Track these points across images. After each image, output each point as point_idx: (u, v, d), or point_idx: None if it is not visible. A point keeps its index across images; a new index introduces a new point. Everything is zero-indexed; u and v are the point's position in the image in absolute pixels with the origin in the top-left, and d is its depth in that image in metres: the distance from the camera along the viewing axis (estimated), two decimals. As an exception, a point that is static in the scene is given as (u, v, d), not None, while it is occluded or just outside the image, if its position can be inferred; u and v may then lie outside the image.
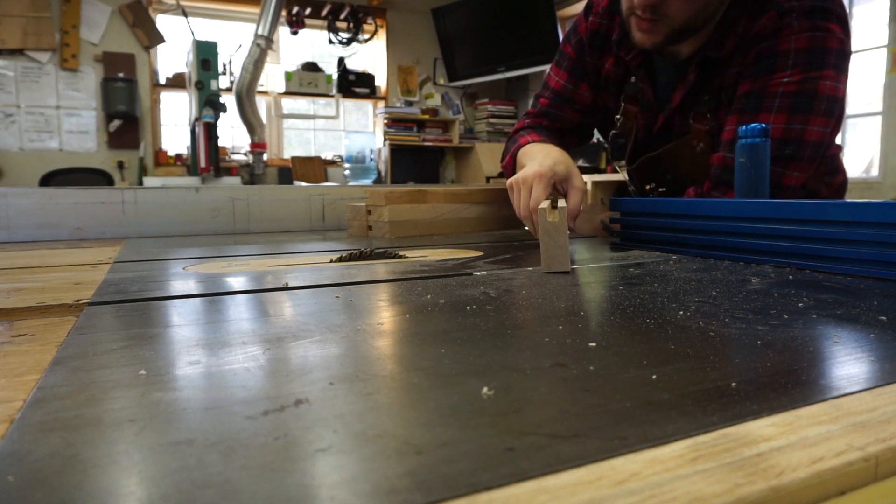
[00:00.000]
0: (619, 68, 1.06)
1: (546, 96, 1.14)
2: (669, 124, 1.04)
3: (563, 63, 1.12)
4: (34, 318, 0.45)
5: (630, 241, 0.87)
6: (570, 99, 1.12)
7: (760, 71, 0.89)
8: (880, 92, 3.26)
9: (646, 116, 1.07)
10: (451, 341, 0.35)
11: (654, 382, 0.28)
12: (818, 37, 0.86)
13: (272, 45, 3.99)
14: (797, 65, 0.86)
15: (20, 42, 3.93)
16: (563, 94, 1.12)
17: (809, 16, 0.86)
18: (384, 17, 5.00)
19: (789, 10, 0.87)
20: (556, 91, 1.13)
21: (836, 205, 0.60)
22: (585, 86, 1.11)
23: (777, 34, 0.88)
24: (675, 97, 1.01)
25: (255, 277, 0.60)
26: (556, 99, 1.13)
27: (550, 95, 1.13)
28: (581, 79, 1.10)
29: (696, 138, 1.00)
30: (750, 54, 0.91)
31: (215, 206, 1.20)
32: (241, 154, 4.59)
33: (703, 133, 0.99)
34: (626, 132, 1.10)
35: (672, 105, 1.01)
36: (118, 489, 0.19)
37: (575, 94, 1.11)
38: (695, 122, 1.00)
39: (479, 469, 0.20)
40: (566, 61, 1.12)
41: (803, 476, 0.19)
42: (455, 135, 4.97)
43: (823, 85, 0.86)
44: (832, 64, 0.86)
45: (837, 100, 0.88)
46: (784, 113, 0.87)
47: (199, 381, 0.29)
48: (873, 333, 0.37)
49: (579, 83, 1.11)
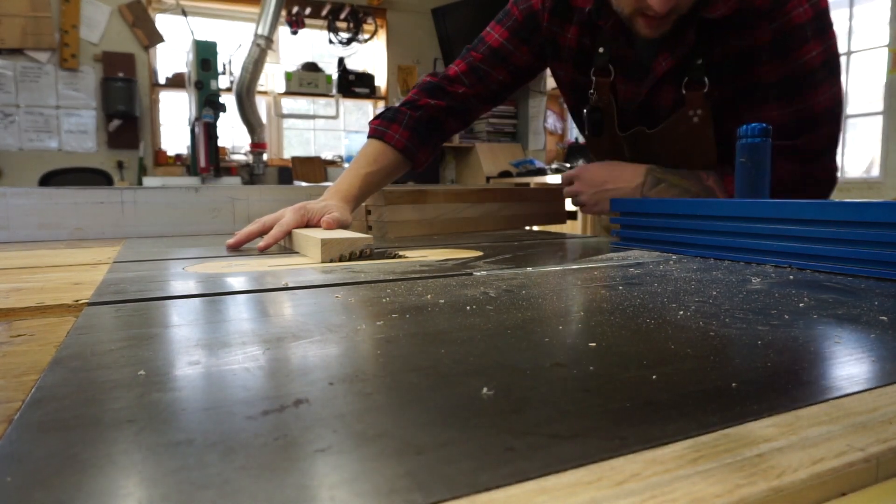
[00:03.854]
0: (584, 38, 1.02)
1: (481, 52, 1.10)
2: (655, 94, 0.99)
3: (507, 22, 1.09)
4: (33, 318, 0.45)
5: (630, 241, 0.87)
6: (505, 59, 1.09)
7: (784, 51, 0.90)
8: (881, 92, 3.26)
9: (627, 87, 1.02)
10: (451, 341, 0.35)
11: (654, 382, 0.28)
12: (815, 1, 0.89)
13: (272, 44, 3.99)
14: (815, 35, 0.89)
15: (20, 42, 3.93)
16: (500, 53, 1.09)
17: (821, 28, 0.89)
18: (384, 17, 5.00)
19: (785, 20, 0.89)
20: (494, 49, 1.09)
21: (837, 205, 0.60)
22: (525, 49, 1.08)
23: (782, 8, 0.89)
24: (663, 62, 0.96)
25: (255, 277, 0.60)
26: (491, 56, 1.09)
27: (486, 51, 1.10)
28: (523, 42, 1.08)
29: (692, 106, 0.96)
30: (760, 33, 0.90)
31: (215, 206, 1.20)
32: (240, 154, 4.59)
33: (700, 99, 0.95)
34: (601, 107, 1.05)
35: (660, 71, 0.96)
36: (117, 489, 0.19)
37: (512, 55, 1.09)
38: (688, 89, 0.95)
39: (479, 469, 0.20)
40: (511, 21, 1.08)
41: (804, 477, 0.19)
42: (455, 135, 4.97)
43: (834, 45, 0.91)
44: (830, 23, 0.91)
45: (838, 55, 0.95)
46: (825, 83, 0.91)
47: (198, 382, 0.29)
48: (874, 333, 0.37)
49: (521, 45, 1.08)
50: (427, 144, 1.08)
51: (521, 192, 1.29)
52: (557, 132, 5.01)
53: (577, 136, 4.91)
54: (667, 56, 0.95)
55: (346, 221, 0.91)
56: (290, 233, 0.87)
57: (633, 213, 0.87)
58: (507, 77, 1.11)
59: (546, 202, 1.31)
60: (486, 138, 5.07)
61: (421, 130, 1.06)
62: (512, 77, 1.11)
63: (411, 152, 1.05)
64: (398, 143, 1.04)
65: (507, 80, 1.11)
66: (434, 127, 1.09)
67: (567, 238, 1.06)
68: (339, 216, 0.89)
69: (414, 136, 1.05)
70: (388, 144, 1.04)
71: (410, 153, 1.05)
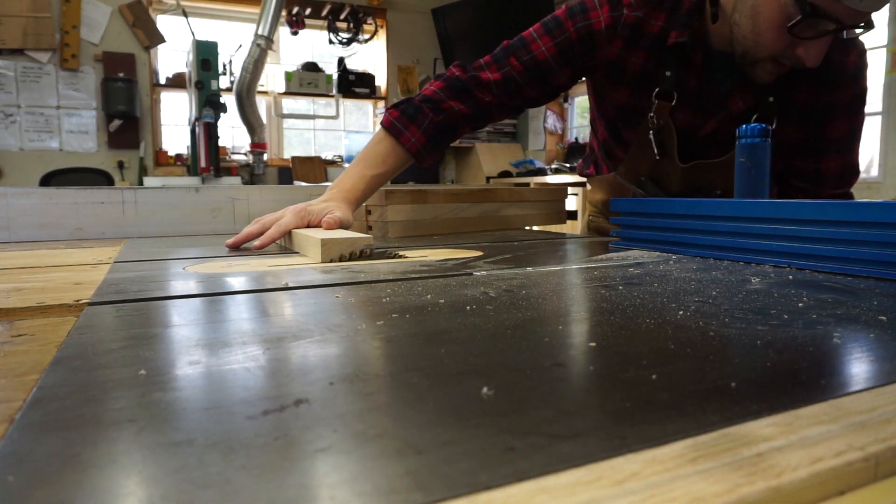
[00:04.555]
0: (650, 63, 1.00)
1: (523, 61, 1.02)
2: (722, 128, 0.99)
3: (558, 37, 1.01)
4: (34, 317, 0.45)
5: (630, 241, 0.87)
6: (544, 76, 1.03)
7: (853, 112, 1.00)
8: (880, 92, 3.26)
9: (687, 115, 1.01)
10: (451, 341, 0.35)
11: (653, 382, 0.28)
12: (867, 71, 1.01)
13: (272, 45, 3.99)
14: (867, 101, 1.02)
15: (20, 42, 3.93)
16: (542, 68, 1.02)
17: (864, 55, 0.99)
18: (384, 17, 5.00)
19: (863, 50, 0.98)
20: (538, 61, 1.02)
21: (836, 205, 0.60)
22: (568, 70, 1.03)
23: (860, 73, 0.98)
24: (740, 101, 0.97)
25: (256, 277, 0.60)
26: (532, 69, 1.02)
27: (529, 62, 1.02)
28: (568, 62, 1.02)
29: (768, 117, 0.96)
30: (841, 93, 0.97)
31: (215, 206, 1.20)
32: (241, 154, 4.59)
33: None
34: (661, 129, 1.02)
35: (735, 109, 0.98)
36: (118, 489, 0.19)
37: (552, 74, 1.03)
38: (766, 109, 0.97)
39: (478, 469, 0.20)
40: (563, 36, 1.01)
41: (803, 476, 0.19)
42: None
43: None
44: None
45: None
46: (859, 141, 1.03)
47: (199, 381, 0.29)
48: (873, 333, 0.37)
49: (564, 67, 1.02)
50: (438, 149, 1.06)
51: (521, 192, 1.29)
52: (557, 132, 5.01)
53: (577, 136, 4.91)
54: (745, 94, 0.98)
55: (348, 222, 0.91)
56: (290, 233, 0.87)
57: (633, 213, 0.87)
58: (539, 94, 1.06)
59: (546, 202, 1.31)
60: (486, 138, 5.07)
61: (437, 138, 1.03)
62: (542, 95, 1.06)
63: (422, 157, 1.03)
64: (412, 147, 1.01)
65: (537, 97, 1.06)
66: (450, 133, 1.06)
67: (567, 238, 1.06)
68: (340, 216, 0.88)
69: (429, 143, 1.02)
70: (403, 146, 1.01)
71: (421, 157, 1.03)
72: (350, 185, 0.98)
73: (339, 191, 0.97)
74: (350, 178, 0.99)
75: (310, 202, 0.91)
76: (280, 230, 0.85)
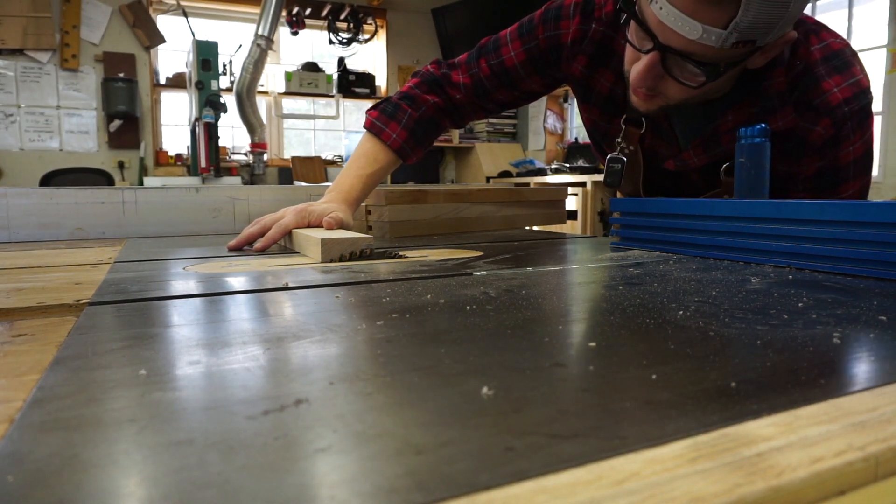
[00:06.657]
0: (618, 87, 0.94)
1: (491, 65, 1.00)
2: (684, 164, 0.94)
3: (528, 42, 0.97)
4: (34, 317, 0.45)
5: (630, 241, 0.87)
6: (513, 83, 1.01)
7: (822, 186, 0.87)
8: (880, 92, 3.26)
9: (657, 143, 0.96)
10: (451, 341, 0.35)
11: (653, 382, 0.28)
12: (869, 136, 0.86)
13: (272, 45, 3.99)
14: (857, 173, 0.87)
15: (20, 42, 3.93)
16: (510, 75, 1.00)
17: (861, 123, 0.83)
18: (384, 17, 5.00)
19: (843, 118, 0.81)
20: (506, 68, 0.99)
21: (835, 205, 0.60)
22: (537, 79, 1.00)
23: (837, 145, 0.83)
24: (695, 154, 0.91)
25: (255, 277, 0.60)
26: (500, 75, 1.00)
27: (497, 67, 1.00)
28: (536, 71, 0.99)
29: (728, 193, 0.88)
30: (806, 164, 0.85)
31: (215, 206, 1.20)
32: (241, 154, 4.59)
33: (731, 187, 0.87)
34: (627, 156, 0.98)
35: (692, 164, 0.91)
36: (118, 489, 0.19)
37: (521, 81, 1.00)
38: (727, 175, 0.89)
39: (478, 469, 0.20)
40: (532, 43, 0.97)
41: (803, 476, 0.19)
42: (455, 135, 4.97)
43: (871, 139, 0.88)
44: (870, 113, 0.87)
45: None
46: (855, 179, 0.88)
47: (199, 381, 0.29)
48: (873, 333, 0.37)
49: (533, 74, 0.99)
50: (422, 144, 1.06)
51: (521, 192, 1.29)
52: (557, 132, 5.01)
53: (577, 136, 4.91)
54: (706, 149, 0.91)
55: (348, 223, 0.91)
56: (291, 232, 0.87)
57: (633, 213, 0.87)
58: (510, 98, 1.04)
59: (546, 202, 1.31)
60: (485, 138, 5.07)
61: (419, 132, 1.04)
62: (514, 98, 1.05)
63: (406, 153, 1.03)
64: (394, 144, 1.02)
65: (508, 100, 1.05)
66: (431, 127, 1.07)
67: (567, 238, 1.06)
68: (340, 216, 0.89)
69: (411, 139, 1.03)
70: (385, 143, 1.01)
71: (405, 154, 1.03)
72: (347, 185, 0.99)
73: (337, 192, 0.97)
74: (346, 179, 1.00)
75: (310, 203, 0.91)
76: (281, 230, 0.85)
